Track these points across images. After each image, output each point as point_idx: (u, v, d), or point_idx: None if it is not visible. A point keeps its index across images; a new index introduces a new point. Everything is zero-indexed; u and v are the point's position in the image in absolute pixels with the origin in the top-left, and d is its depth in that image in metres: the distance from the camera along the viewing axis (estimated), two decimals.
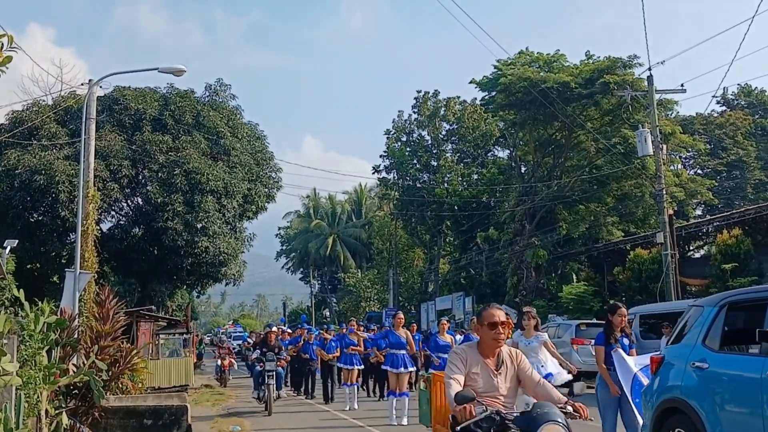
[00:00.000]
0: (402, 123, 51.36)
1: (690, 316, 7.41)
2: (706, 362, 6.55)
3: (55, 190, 26.67)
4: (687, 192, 36.04)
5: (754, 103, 52.14)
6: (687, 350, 6.96)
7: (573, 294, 32.37)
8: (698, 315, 7.18)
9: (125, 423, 13.50)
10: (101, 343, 13.55)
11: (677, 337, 7.47)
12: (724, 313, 6.83)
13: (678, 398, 6.76)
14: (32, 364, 9.70)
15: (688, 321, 7.37)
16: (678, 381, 6.88)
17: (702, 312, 7.14)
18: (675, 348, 7.35)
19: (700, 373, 6.57)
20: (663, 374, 7.22)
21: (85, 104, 19.42)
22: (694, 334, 7.04)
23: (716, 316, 6.84)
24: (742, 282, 24.21)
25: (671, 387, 6.96)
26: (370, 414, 14.61)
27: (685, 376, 6.77)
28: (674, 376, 6.99)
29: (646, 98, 27.47)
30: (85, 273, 17.27)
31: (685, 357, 6.90)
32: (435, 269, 52.44)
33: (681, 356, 7.01)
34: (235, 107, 33.24)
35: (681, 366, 6.91)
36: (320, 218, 77.38)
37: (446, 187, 48.03)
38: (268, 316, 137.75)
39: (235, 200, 30.50)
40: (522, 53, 39.17)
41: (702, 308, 7.23)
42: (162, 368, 22.47)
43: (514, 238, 39.76)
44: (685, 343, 7.14)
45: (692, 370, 6.68)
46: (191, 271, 32.51)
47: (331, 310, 75.58)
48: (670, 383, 7.01)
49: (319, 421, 14.31)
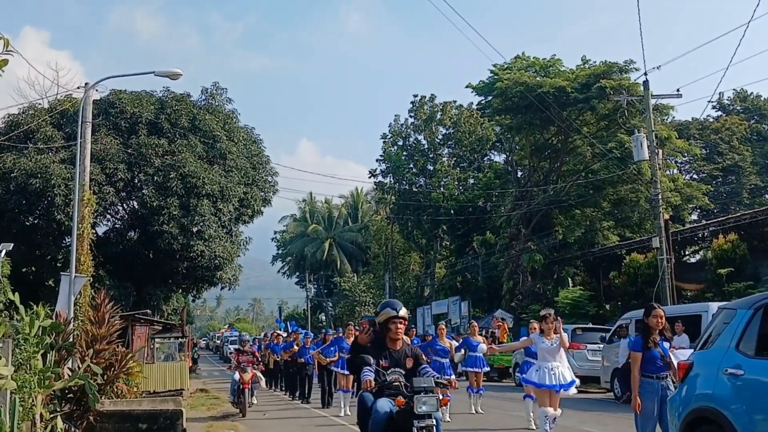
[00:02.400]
0: (398, 127, 51.35)
1: (720, 319, 6.98)
2: (740, 368, 6.09)
3: (50, 194, 26.63)
4: (683, 197, 36.09)
5: (749, 108, 52.24)
6: (718, 356, 6.48)
7: (569, 298, 32.39)
8: (730, 318, 6.70)
9: (120, 427, 13.46)
10: (96, 347, 13.52)
11: (705, 342, 7.03)
12: (760, 315, 6.34)
13: (709, 407, 6.32)
14: (27, 367, 9.66)
15: (718, 325, 6.93)
16: (709, 389, 6.41)
17: (734, 315, 6.66)
18: (704, 354, 6.88)
19: (735, 380, 6.11)
20: (692, 382, 6.77)
21: (81, 108, 19.38)
22: (726, 338, 6.56)
23: (751, 320, 6.36)
24: (738, 287, 24.26)
25: (701, 395, 6.51)
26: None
27: (717, 383, 6.31)
28: (704, 384, 6.53)
29: (641, 103, 27.50)
30: (81, 276, 17.22)
31: (716, 363, 6.42)
32: (431, 273, 52.39)
33: (711, 362, 6.54)
34: (231, 111, 33.26)
35: (712, 373, 6.44)
36: (316, 222, 77.37)
37: (442, 191, 48.01)
38: (264, 320, 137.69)
39: (230, 204, 30.48)
40: (518, 58, 39.25)
41: (734, 311, 6.75)
42: (157, 372, 22.40)
43: (510, 242, 39.79)
44: (716, 349, 6.66)
45: (725, 377, 6.22)
46: (187, 275, 32.48)
47: (327, 314, 75.50)
48: (699, 391, 6.57)
49: (314, 427, 14.26)
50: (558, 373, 10.47)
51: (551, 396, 10.47)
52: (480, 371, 15.59)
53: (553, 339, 10.53)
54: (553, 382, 10.41)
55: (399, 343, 6.73)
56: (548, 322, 10.61)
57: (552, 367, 10.48)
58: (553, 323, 10.54)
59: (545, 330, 10.67)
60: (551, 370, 10.46)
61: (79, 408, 12.17)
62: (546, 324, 10.65)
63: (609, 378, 19.16)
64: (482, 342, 16.22)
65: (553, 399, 10.50)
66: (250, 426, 14.11)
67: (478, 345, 15.63)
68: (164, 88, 32.13)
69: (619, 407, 16.48)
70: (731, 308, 6.93)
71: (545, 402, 10.46)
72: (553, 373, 10.44)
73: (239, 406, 16.07)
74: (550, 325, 10.56)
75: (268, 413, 17.13)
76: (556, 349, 10.55)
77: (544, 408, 10.43)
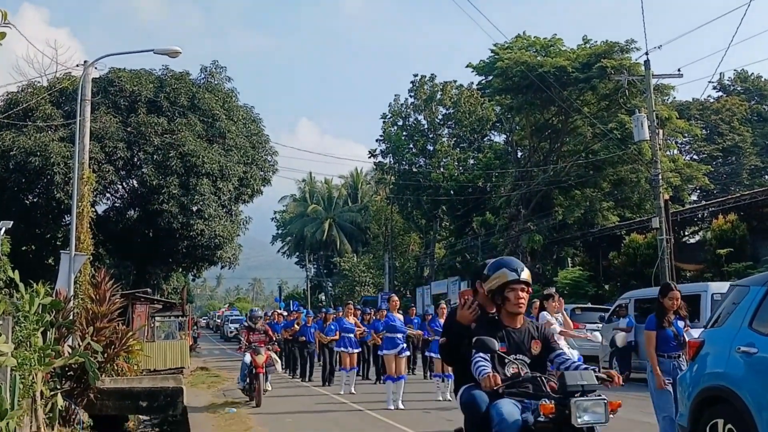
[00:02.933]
0: (398, 107, 51.15)
1: (732, 296, 6.80)
2: (754, 347, 5.91)
3: (50, 172, 26.61)
4: (683, 177, 36.03)
5: (750, 89, 52.08)
6: (730, 334, 6.30)
7: (568, 279, 32.43)
8: (743, 296, 6.51)
9: (121, 404, 13.53)
10: (97, 325, 13.56)
11: (717, 320, 6.86)
12: None
13: (721, 386, 6.14)
14: (27, 345, 9.68)
15: (729, 303, 6.76)
16: (720, 368, 6.26)
17: (747, 292, 6.47)
18: (715, 332, 6.71)
19: (748, 358, 5.93)
20: (702, 360, 6.60)
21: (80, 86, 19.32)
22: (738, 316, 6.38)
23: (765, 297, 6.19)
24: (737, 267, 24.28)
25: (712, 374, 6.34)
26: (367, 398, 14.53)
27: (730, 362, 6.14)
28: (716, 363, 6.38)
29: (642, 83, 27.39)
30: (81, 255, 17.23)
31: (728, 341, 6.25)
32: (430, 254, 52.42)
33: (723, 341, 6.36)
34: (231, 90, 33.15)
35: (724, 351, 6.27)
36: (316, 202, 77.30)
37: (442, 171, 47.91)
38: (264, 300, 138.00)
39: (230, 183, 30.45)
40: (519, 37, 39.04)
41: (747, 288, 6.56)
42: (157, 351, 22.46)
43: (509, 222, 39.76)
44: (728, 327, 6.48)
45: (738, 356, 6.05)
46: (187, 254, 32.51)
47: (327, 294, 75.65)
48: (710, 370, 6.41)
49: (315, 404, 14.28)
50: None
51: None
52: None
53: (559, 317, 10.26)
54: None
55: (520, 320, 4.80)
56: (553, 301, 10.34)
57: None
58: (558, 302, 10.30)
59: (549, 309, 10.35)
60: None
61: (80, 385, 12.23)
62: (550, 303, 10.36)
63: (608, 358, 19.22)
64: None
65: None
66: (253, 405, 14.11)
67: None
68: (163, 67, 32.04)
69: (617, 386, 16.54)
70: (744, 285, 6.78)
71: None
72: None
73: (251, 393, 14.08)
74: (555, 304, 10.28)
75: (268, 391, 17.20)
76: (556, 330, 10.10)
77: None
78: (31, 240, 30.06)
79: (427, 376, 18.77)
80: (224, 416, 12.44)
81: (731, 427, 5.90)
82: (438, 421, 11.22)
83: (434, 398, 14.00)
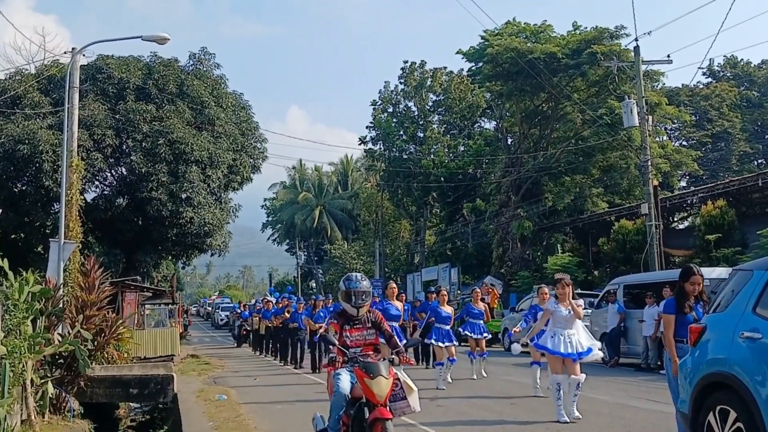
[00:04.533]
0: (388, 94, 51.12)
1: (734, 281, 6.63)
2: (758, 332, 5.78)
3: (38, 160, 26.44)
4: (672, 163, 36.16)
5: (739, 75, 52.27)
6: (733, 319, 6.16)
7: (558, 265, 32.51)
8: (746, 280, 6.36)
9: (111, 392, 13.55)
10: (87, 313, 13.56)
11: (718, 305, 6.69)
12: None
13: (724, 372, 6.01)
14: (17, 333, 9.67)
15: (732, 287, 6.60)
16: (723, 353, 6.12)
17: (751, 277, 6.32)
18: (718, 317, 6.55)
19: (752, 344, 5.80)
20: (704, 346, 6.46)
21: (69, 73, 19.21)
22: (741, 301, 6.23)
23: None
24: (726, 253, 24.43)
25: (715, 360, 6.21)
26: None
27: (733, 347, 6.01)
28: (718, 348, 6.24)
29: (632, 69, 27.45)
30: (70, 243, 17.19)
31: (731, 326, 6.11)
32: (421, 240, 52.51)
33: (726, 326, 6.22)
34: (220, 76, 32.94)
35: (727, 337, 6.14)
36: (306, 190, 77.24)
37: (432, 158, 47.94)
38: (254, 287, 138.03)
39: (220, 170, 30.34)
40: (509, 23, 38.99)
41: (751, 272, 6.41)
42: (148, 338, 22.48)
43: (499, 209, 39.86)
44: (731, 312, 6.33)
45: (741, 341, 5.91)
46: (176, 242, 32.43)
47: (318, 281, 75.75)
48: (713, 356, 6.28)
49: (306, 392, 14.28)
50: (575, 341, 9.88)
51: (568, 363, 9.84)
52: (480, 337, 15.32)
53: (568, 306, 9.96)
54: (569, 350, 9.81)
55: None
56: (561, 287, 10.03)
57: (568, 335, 9.90)
58: (566, 287, 10.00)
59: (559, 295, 10.06)
60: (567, 338, 9.88)
61: (70, 373, 12.23)
62: (559, 289, 10.06)
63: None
64: (483, 309, 15.93)
65: (570, 366, 9.82)
66: (243, 392, 14.11)
67: (480, 312, 15.56)
68: (152, 53, 31.81)
69: (606, 371, 16.66)
70: (747, 269, 6.65)
71: (557, 369, 9.84)
72: (569, 341, 9.85)
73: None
74: (564, 290, 9.99)
75: (258, 378, 17.22)
76: (573, 317, 9.99)
77: (555, 375, 9.82)
78: (20, 228, 29.92)
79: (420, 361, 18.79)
80: (214, 403, 12.45)
81: (734, 414, 5.81)
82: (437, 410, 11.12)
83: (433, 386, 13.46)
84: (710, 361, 6.25)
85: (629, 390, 13.36)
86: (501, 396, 12.60)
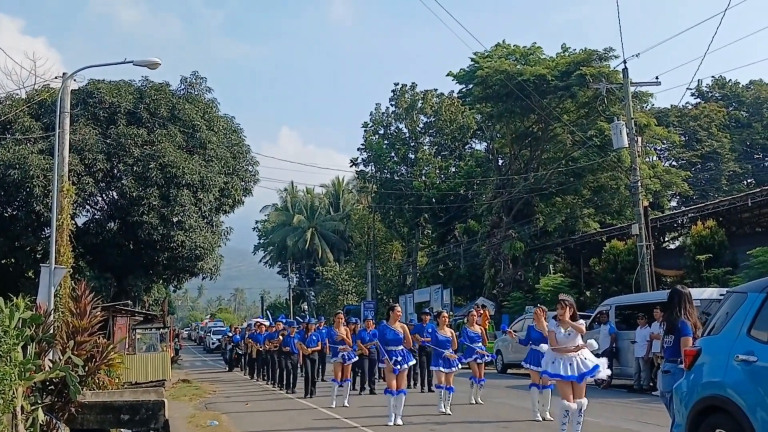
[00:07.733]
0: (380, 116, 51.30)
1: (729, 303, 6.62)
2: (753, 355, 5.77)
3: (29, 185, 26.41)
4: (662, 183, 36.35)
5: (728, 95, 52.70)
6: (728, 342, 6.16)
7: (550, 285, 32.56)
8: (740, 303, 6.35)
9: (102, 418, 13.42)
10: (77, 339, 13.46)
11: (713, 327, 6.69)
12: None
13: (719, 396, 6.01)
14: (7, 360, 9.60)
15: (726, 309, 6.59)
16: (718, 377, 6.10)
17: (745, 299, 6.31)
18: (712, 339, 6.53)
19: (747, 367, 5.78)
20: (699, 369, 6.45)
21: (59, 98, 19.24)
22: (736, 323, 6.23)
23: (763, 304, 6.02)
24: (716, 273, 24.50)
25: (710, 383, 6.19)
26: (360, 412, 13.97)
27: (728, 371, 5.99)
28: (713, 371, 6.22)
29: (621, 91, 27.63)
30: (61, 268, 17.13)
31: (726, 350, 6.10)
32: (413, 262, 52.48)
33: (721, 349, 6.21)
34: (211, 100, 33.07)
35: (722, 360, 6.12)
36: (298, 212, 77.23)
37: (424, 179, 48.07)
38: (246, 310, 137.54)
39: (211, 194, 30.37)
40: (499, 46, 39.26)
41: (745, 295, 6.40)
42: (139, 363, 22.36)
43: (491, 230, 39.89)
44: (725, 334, 6.32)
45: (737, 364, 5.90)
46: (167, 266, 32.37)
47: (310, 303, 75.53)
48: (708, 379, 6.25)
49: (301, 419, 14.22)
50: (577, 362, 9.52)
51: (574, 387, 9.48)
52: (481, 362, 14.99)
53: (568, 328, 9.62)
54: (569, 372, 9.46)
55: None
56: (560, 308, 9.69)
57: (569, 356, 9.55)
58: (566, 308, 9.65)
59: (559, 317, 9.72)
60: (567, 359, 9.53)
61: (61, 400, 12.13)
62: (559, 310, 9.73)
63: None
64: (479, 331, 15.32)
65: (576, 389, 9.49)
66: (235, 418, 14.02)
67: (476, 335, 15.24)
68: (143, 78, 31.94)
69: (599, 392, 16.64)
70: (741, 292, 6.62)
71: (566, 395, 9.40)
72: (571, 363, 9.49)
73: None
74: (563, 311, 9.65)
75: (250, 403, 17.11)
76: (573, 337, 9.61)
77: (565, 402, 9.44)
78: (11, 253, 29.82)
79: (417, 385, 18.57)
80: (206, 429, 12.38)
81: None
82: None
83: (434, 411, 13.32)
84: (705, 384, 6.24)
85: (622, 412, 13.35)
86: (495, 420, 12.51)
